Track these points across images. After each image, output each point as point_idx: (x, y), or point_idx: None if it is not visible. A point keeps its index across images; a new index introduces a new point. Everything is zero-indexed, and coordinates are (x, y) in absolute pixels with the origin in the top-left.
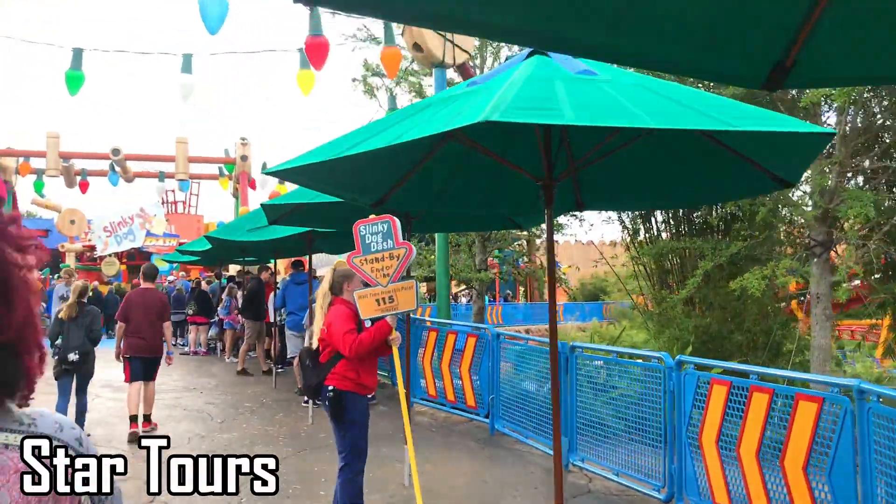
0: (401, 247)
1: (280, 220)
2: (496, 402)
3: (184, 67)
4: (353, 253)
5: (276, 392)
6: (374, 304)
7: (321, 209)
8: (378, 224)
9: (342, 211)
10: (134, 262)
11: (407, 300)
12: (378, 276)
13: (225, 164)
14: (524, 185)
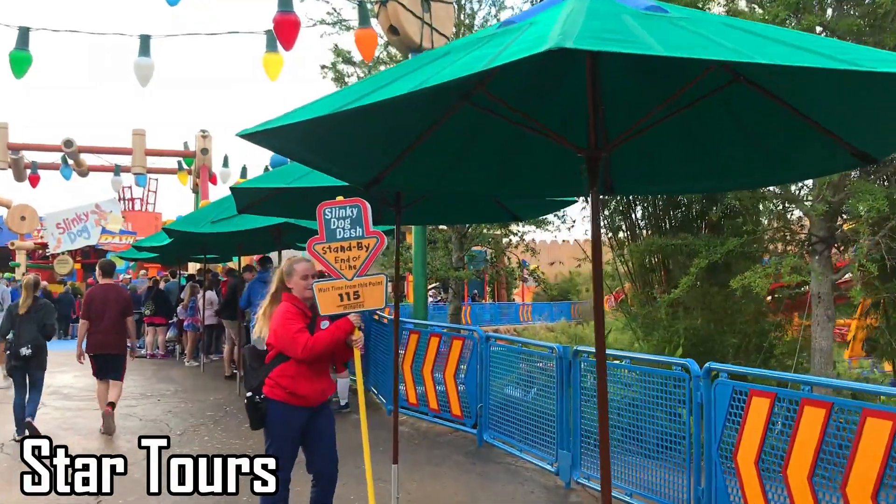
0: (371, 236)
1: (250, 209)
2: (485, 411)
3: (141, 50)
4: (316, 239)
5: (240, 399)
6: (337, 299)
7: (300, 196)
8: (347, 208)
9: (325, 198)
10: (88, 260)
11: (374, 297)
12: (343, 268)
13: (184, 157)
14: (552, 159)
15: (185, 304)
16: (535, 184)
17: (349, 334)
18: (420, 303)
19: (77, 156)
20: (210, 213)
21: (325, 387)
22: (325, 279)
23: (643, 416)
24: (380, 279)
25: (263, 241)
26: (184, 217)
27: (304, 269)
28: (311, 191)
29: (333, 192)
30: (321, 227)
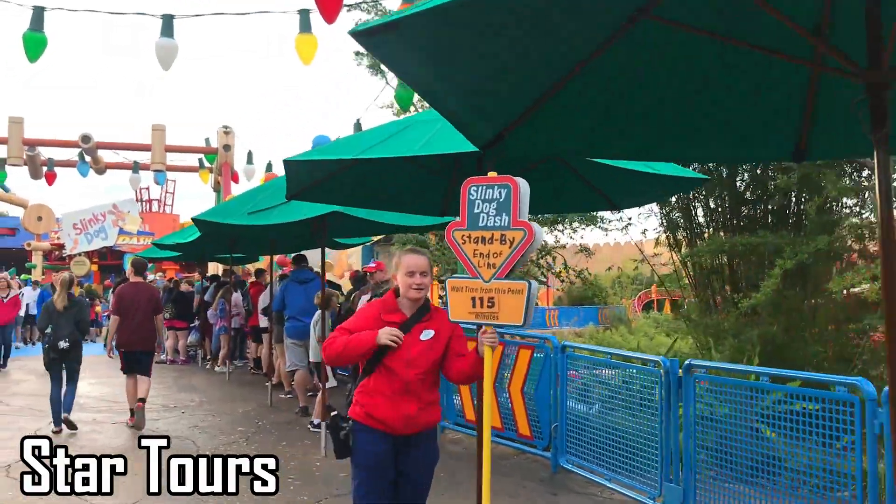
0: (517, 227)
1: (300, 194)
2: (561, 432)
3: (163, 31)
4: (457, 223)
5: (274, 411)
6: (469, 303)
7: (370, 174)
8: (495, 187)
9: (403, 177)
10: (105, 261)
11: (511, 309)
12: (480, 265)
13: (205, 154)
14: (759, 107)
15: (215, 307)
16: (726, 145)
17: (369, 348)
18: None
19: (94, 152)
20: (245, 204)
21: (411, 412)
22: (462, 276)
23: (781, 448)
24: (521, 286)
25: (299, 237)
26: (215, 208)
27: (411, 263)
28: (386, 166)
29: (412, 168)
30: (464, 209)
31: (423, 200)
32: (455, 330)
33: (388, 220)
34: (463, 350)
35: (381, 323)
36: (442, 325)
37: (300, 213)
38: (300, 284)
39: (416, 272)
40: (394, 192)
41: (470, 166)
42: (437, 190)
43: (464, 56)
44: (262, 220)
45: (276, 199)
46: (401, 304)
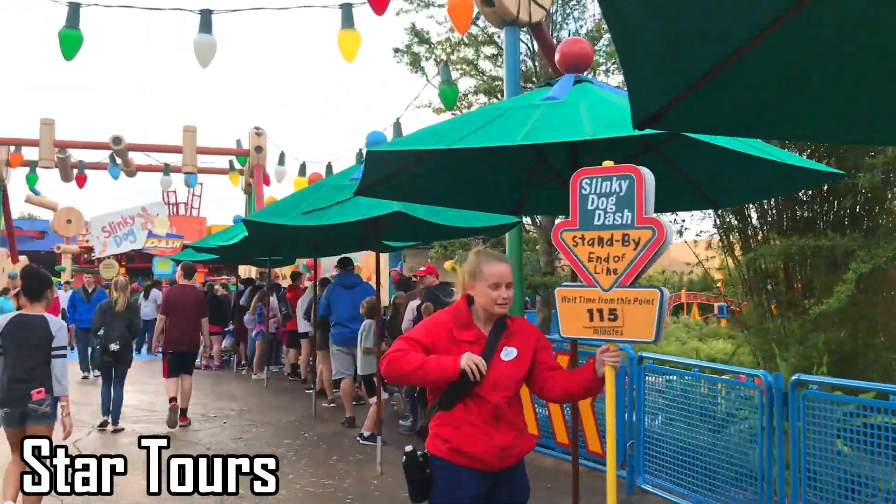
0: (645, 226)
1: (367, 190)
2: (638, 450)
3: (202, 27)
4: (566, 223)
5: (319, 422)
6: (585, 316)
7: (452, 166)
8: (614, 179)
9: (483, 171)
10: (133, 264)
11: (640, 322)
12: (598, 271)
13: (237, 155)
14: None
15: (252, 311)
16: None
17: (448, 375)
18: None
19: (125, 154)
20: (298, 204)
21: (506, 442)
22: (573, 284)
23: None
24: (651, 295)
25: (344, 239)
26: (266, 208)
27: (497, 272)
28: (468, 158)
29: (493, 161)
30: (574, 206)
31: (498, 197)
32: (539, 340)
33: (451, 221)
34: (553, 362)
35: (453, 339)
36: (524, 340)
37: (357, 213)
38: (346, 289)
39: (501, 283)
40: (469, 187)
41: (558, 158)
42: (514, 186)
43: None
44: (317, 220)
45: (331, 197)
46: (475, 317)
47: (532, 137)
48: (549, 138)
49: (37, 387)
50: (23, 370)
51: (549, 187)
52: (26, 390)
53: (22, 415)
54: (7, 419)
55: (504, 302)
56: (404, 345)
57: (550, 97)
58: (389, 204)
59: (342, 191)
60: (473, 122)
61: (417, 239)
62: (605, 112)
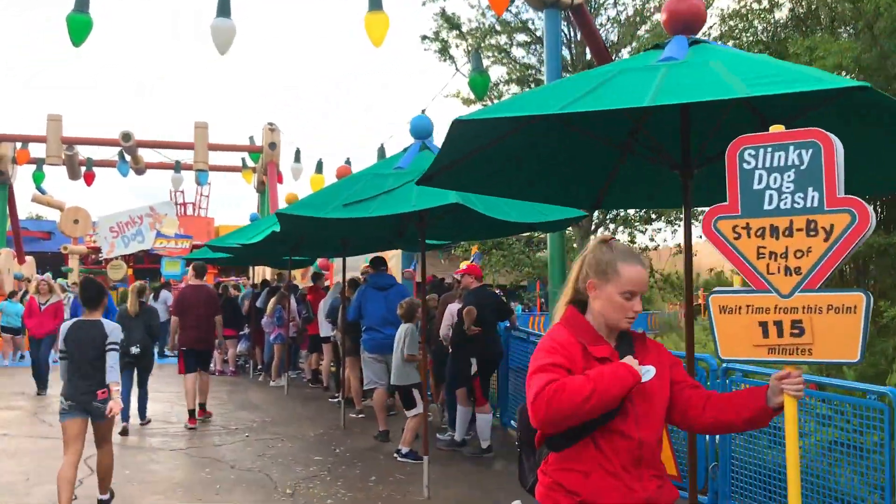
0: (839, 209)
1: (431, 180)
2: (724, 473)
3: (220, 11)
4: (720, 209)
5: (350, 436)
6: (756, 331)
7: (536, 144)
8: (791, 149)
9: (566, 149)
10: (142, 265)
11: (837, 338)
12: (771, 271)
13: (250, 152)
14: None
15: (270, 313)
16: None
17: (628, 387)
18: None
19: (135, 151)
20: (338, 194)
21: (650, 493)
22: (735, 289)
23: None
24: (853, 300)
25: (377, 237)
26: (302, 200)
27: (638, 278)
28: (553, 133)
29: (573, 137)
30: (733, 186)
31: (576, 189)
32: (670, 356)
33: (508, 215)
34: (691, 379)
35: (588, 357)
36: (658, 357)
37: (405, 205)
38: (380, 291)
39: (637, 294)
40: (546, 178)
41: (662, 132)
42: (597, 176)
43: None
44: (360, 212)
45: (374, 187)
46: (598, 329)
47: (665, 97)
48: (691, 97)
49: (101, 388)
50: (86, 371)
51: (633, 179)
52: (92, 389)
53: (85, 410)
54: (70, 411)
55: (634, 317)
56: (551, 374)
57: (668, 57)
58: (444, 195)
59: (386, 180)
60: (578, 86)
61: (461, 237)
62: (749, 69)
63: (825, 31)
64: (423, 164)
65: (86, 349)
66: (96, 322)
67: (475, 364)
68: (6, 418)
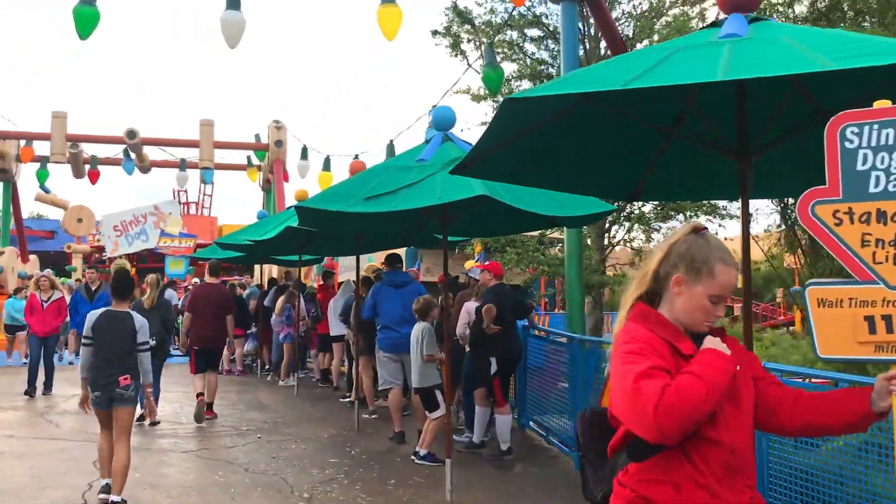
0: None
1: (466, 169)
2: (760, 476)
3: (230, 3)
4: (818, 192)
5: (364, 437)
6: (861, 326)
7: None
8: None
9: (608, 135)
10: (145, 264)
11: None
12: (881, 261)
13: (255, 150)
14: None
15: (279, 312)
16: None
17: (730, 376)
18: (576, 314)
19: (140, 149)
20: (358, 188)
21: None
22: (835, 281)
23: None
24: None
25: (393, 233)
26: (322, 193)
27: (731, 282)
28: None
29: (617, 123)
30: (834, 167)
31: (614, 177)
32: (746, 351)
33: (536, 208)
34: (769, 374)
35: (677, 355)
36: (737, 353)
37: (429, 198)
38: (395, 289)
39: (724, 299)
40: (584, 164)
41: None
42: (637, 163)
43: None
44: (382, 206)
45: (397, 181)
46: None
47: (742, 71)
48: (772, 71)
49: (124, 374)
50: (111, 358)
51: (675, 168)
52: (115, 376)
53: (109, 399)
54: (98, 401)
55: (713, 323)
56: (659, 379)
57: (729, 34)
58: (470, 187)
59: (408, 173)
60: (634, 65)
61: (480, 232)
62: (826, 43)
63: (850, 24)
64: (446, 156)
65: (115, 340)
66: (126, 314)
67: (494, 363)
68: (13, 418)
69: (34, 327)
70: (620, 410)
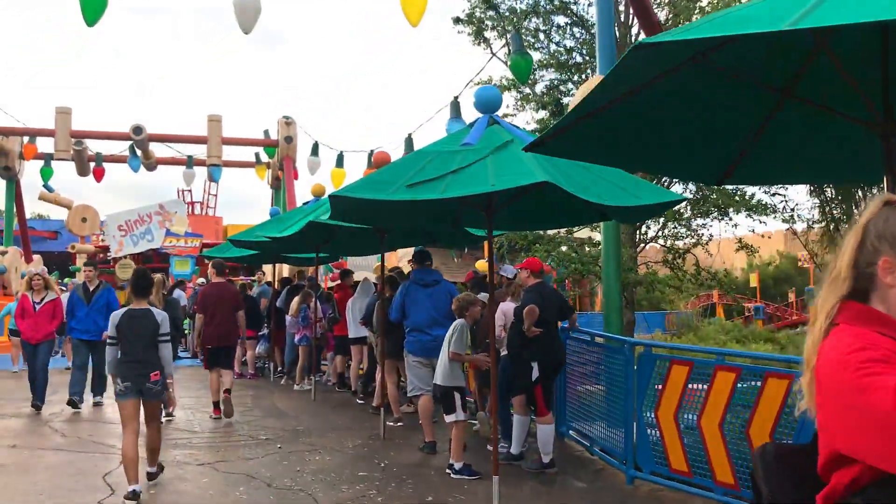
0: None
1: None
2: None
3: None
4: None
5: (392, 447)
6: None
7: (685, 95)
8: None
9: (715, 100)
10: (151, 265)
11: None
12: None
13: (265, 146)
14: None
15: (295, 313)
16: None
17: None
18: (614, 315)
19: (146, 145)
20: (400, 174)
21: None
22: None
23: None
24: None
25: (422, 229)
26: (361, 180)
27: None
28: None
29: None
30: None
31: (704, 156)
32: None
33: (601, 198)
34: None
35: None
36: None
37: (480, 184)
38: (425, 288)
39: None
40: (675, 138)
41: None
42: (740, 133)
43: None
44: (428, 193)
45: (441, 166)
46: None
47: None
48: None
49: (153, 370)
50: (139, 356)
51: (779, 145)
52: (146, 372)
53: (139, 391)
54: (126, 391)
55: None
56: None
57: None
58: (529, 172)
59: (453, 158)
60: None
61: (525, 225)
62: None
63: None
64: (494, 140)
65: (139, 337)
66: (147, 311)
67: (536, 369)
68: (16, 427)
69: (25, 333)
70: (870, 441)
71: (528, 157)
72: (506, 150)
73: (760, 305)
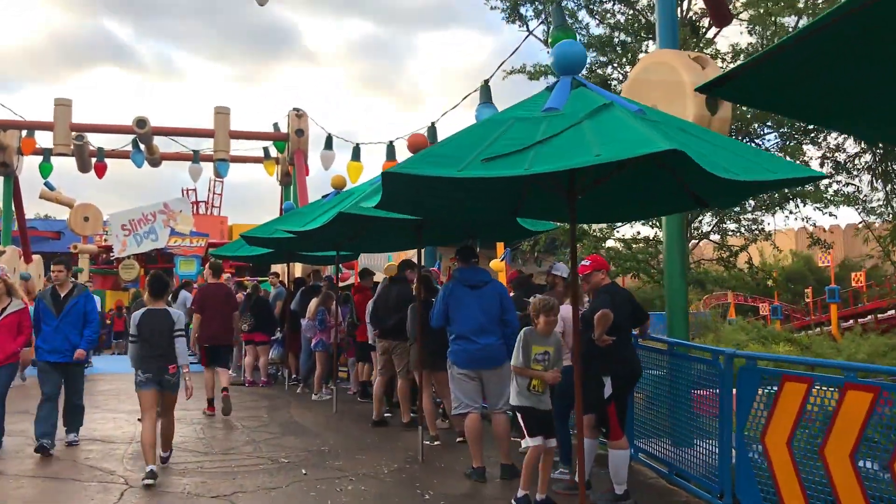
0: None
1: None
2: None
3: None
4: None
5: (434, 473)
6: None
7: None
8: None
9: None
10: (155, 265)
11: None
12: None
13: (274, 140)
14: None
15: (312, 316)
16: None
17: None
18: (679, 318)
19: (150, 139)
20: (471, 148)
21: None
22: None
23: None
24: None
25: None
26: (409, 161)
27: None
28: None
29: None
30: None
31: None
32: None
33: (730, 173)
34: None
35: None
36: None
37: (583, 155)
38: (472, 290)
39: None
40: (873, 87)
41: None
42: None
43: None
44: (510, 169)
45: (522, 137)
46: None
47: None
48: None
49: (171, 363)
50: (158, 351)
51: None
52: (165, 365)
53: (159, 382)
54: (146, 382)
55: None
56: None
57: None
58: (649, 140)
59: (536, 126)
60: None
61: (603, 215)
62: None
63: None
64: (586, 104)
65: (157, 334)
66: (164, 311)
67: (609, 384)
68: (6, 449)
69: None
70: None
71: (637, 123)
72: (607, 113)
73: (778, 305)
